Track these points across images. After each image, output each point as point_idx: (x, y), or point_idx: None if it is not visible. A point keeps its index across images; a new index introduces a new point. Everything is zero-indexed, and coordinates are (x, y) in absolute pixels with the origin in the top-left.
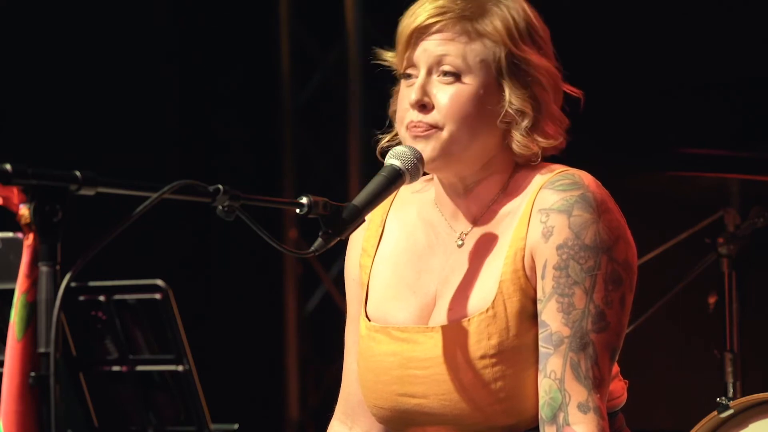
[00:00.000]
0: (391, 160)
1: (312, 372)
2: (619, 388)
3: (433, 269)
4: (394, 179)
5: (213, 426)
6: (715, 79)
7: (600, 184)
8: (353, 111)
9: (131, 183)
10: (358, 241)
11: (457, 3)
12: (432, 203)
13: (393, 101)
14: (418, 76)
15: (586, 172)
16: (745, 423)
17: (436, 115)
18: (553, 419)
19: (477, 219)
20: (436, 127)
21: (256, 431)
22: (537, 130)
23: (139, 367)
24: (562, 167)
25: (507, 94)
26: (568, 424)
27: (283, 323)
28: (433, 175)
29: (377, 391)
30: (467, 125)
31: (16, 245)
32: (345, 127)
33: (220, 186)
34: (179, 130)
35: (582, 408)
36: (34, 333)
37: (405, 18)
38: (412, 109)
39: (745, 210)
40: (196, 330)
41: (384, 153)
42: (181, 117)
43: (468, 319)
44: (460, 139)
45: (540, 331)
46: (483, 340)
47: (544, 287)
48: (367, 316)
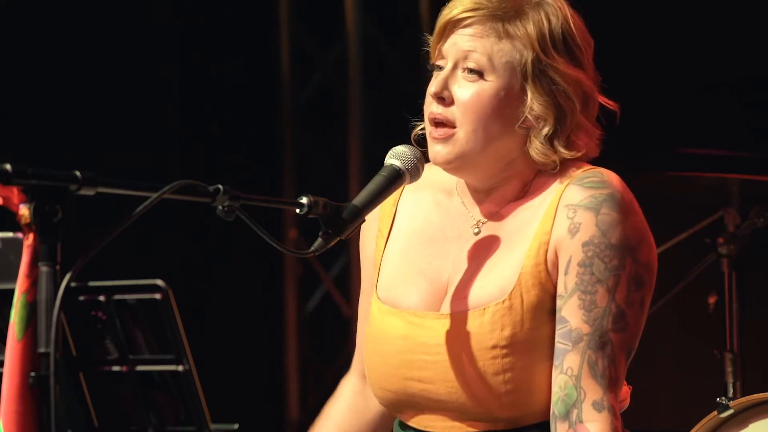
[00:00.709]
0: (391, 160)
1: (312, 372)
2: (623, 391)
3: (446, 255)
4: (394, 179)
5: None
6: (715, 79)
7: (625, 184)
8: (353, 111)
9: (131, 183)
10: (375, 222)
11: (494, 1)
12: (451, 189)
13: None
14: (448, 62)
15: (612, 171)
16: (745, 423)
17: (454, 110)
18: (566, 415)
19: (496, 212)
20: (452, 125)
21: (256, 431)
22: (559, 138)
23: (139, 367)
24: (587, 165)
25: (529, 99)
26: (581, 422)
27: (283, 323)
28: None
29: (384, 373)
30: (483, 125)
31: (16, 245)
32: (345, 127)
33: (220, 186)
34: (179, 130)
35: (596, 406)
36: (34, 333)
37: (444, 9)
38: (433, 101)
39: (745, 210)
40: (196, 330)
41: (418, 140)
42: (181, 117)
43: (483, 309)
44: (475, 140)
45: (558, 326)
46: (496, 331)
47: (567, 283)
48: (378, 298)
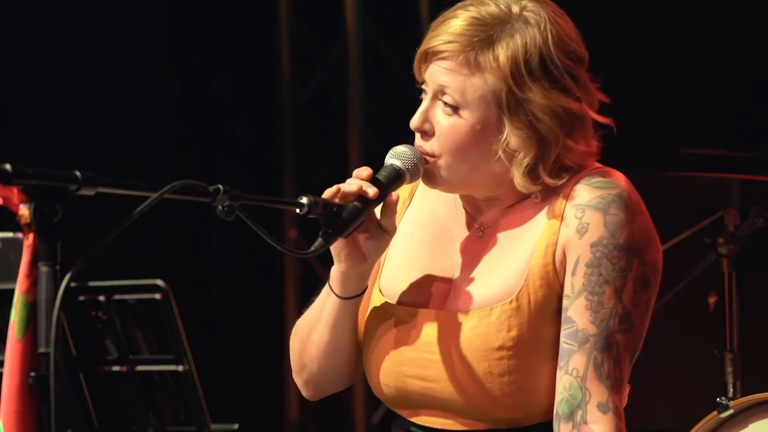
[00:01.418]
0: (392, 159)
1: None
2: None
3: (450, 255)
4: (394, 179)
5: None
6: (715, 79)
7: (632, 184)
8: (353, 111)
9: (131, 183)
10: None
11: (471, 29)
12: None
13: None
14: (428, 93)
15: (619, 172)
16: (745, 423)
17: (434, 144)
18: (571, 416)
19: (499, 215)
20: (433, 156)
21: (256, 431)
22: (544, 165)
23: (139, 367)
24: (595, 164)
25: (506, 132)
26: (586, 423)
27: (283, 323)
28: None
29: (386, 369)
30: (463, 158)
31: (16, 245)
32: (345, 127)
33: (220, 186)
34: (179, 130)
35: (602, 408)
36: (34, 333)
37: (428, 33)
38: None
39: (745, 210)
40: (196, 330)
41: None
42: (181, 117)
43: (489, 309)
44: (457, 170)
45: (564, 327)
46: (503, 331)
47: (574, 284)
48: (380, 290)
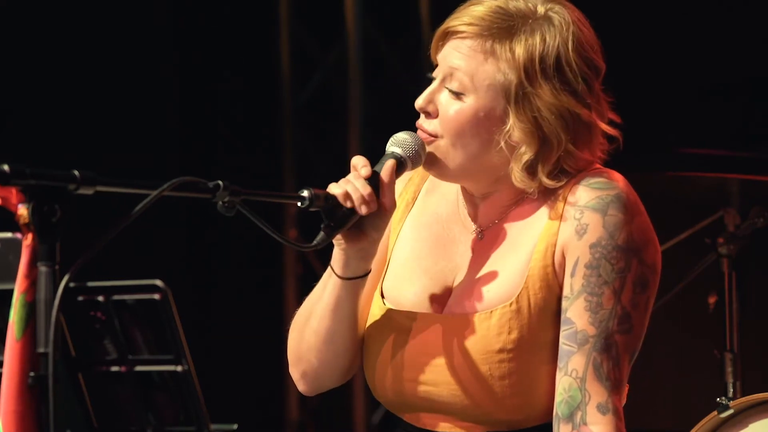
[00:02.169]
0: (393, 147)
1: None
2: None
3: (450, 257)
4: (396, 167)
5: (213, 426)
6: (715, 79)
7: (630, 184)
8: (353, 111)
9: (130, 181)
10: (400, 205)
11: (494, 16)
12: (455, 194)
13: None
14: (438, 76)
15: (617, 172)
16: (745, 423)
17: (436, 124)
18: (570, 417)
19: (497, 218)
20: (434, 136)
21: (256, 431)
22: (544, 165)
23: (138, 368)
24: (595, 165)
25: (509, 124)
26: (585, 424)
27: (283, 323)
28: None
29: (386, 373)
30: (462, 142)
31: (15, 245)
32: (345, 127)
33: (220, 182)
34: (179, 130)
35: (601, 409)
36: (32, 333)
37: (451, 14)
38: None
39: (745, 210)
40: (196, 330)
41: None
42: (181, 117)
43: (490, 312)
44: (455, 154)
45: (563, 328)
46: (503, 334)
47: (573, 285)
48: (382, 293)
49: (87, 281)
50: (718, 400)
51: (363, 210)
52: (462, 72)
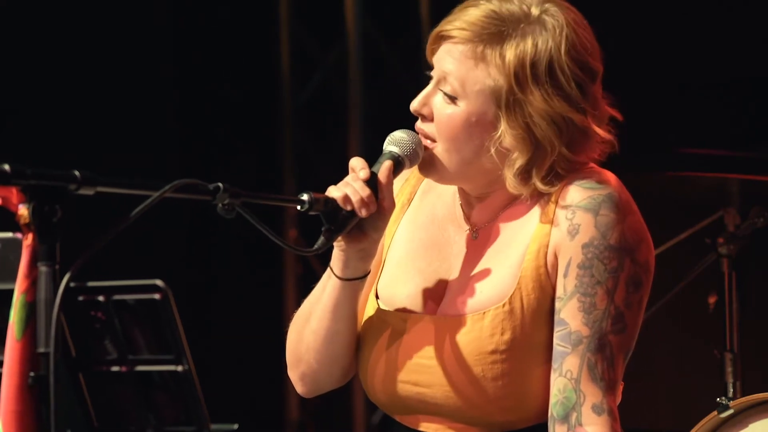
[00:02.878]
0: (390, 146)
1: None
2: None
3: (444, 258)
4: (394, 167)
5: (213, 426)
6: (715, 79)
7: (622, 183)
8: (353, 111)
9: (131, 182)
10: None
11: (486, 20)
12: (452, 194)
13: None
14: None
15: (609, 171)
16: (745, 423)
17: (432, 127)
18: (565, 418)
19: (492, 218)
20: (431, 139)
21: (256, 431)
22: (537, 169)
23: (139, 367)
24: (589, 164)
25: (501, 130)
26: (581, 425)
27: (283, 323)
28: None
29: (380, 375)
30: (455, 146)
31: (15, 245)
32: (345, 127)
33: (220, 184)
34: (179, 130)
35: (596, 409)
36: (33, 333)
37: (448, 15)
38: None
39: (745, 210)
40: (196, 330)
41: None
42: (181, 117)
43: (483, 313)
44: (449, 158)
45: (557, 329)
46: (497, 335)
47: (566, 285)
48: (377, 294)
49: (87, 281)
50: (718, 400)
51: (363, 212)
52: (453, 77)
